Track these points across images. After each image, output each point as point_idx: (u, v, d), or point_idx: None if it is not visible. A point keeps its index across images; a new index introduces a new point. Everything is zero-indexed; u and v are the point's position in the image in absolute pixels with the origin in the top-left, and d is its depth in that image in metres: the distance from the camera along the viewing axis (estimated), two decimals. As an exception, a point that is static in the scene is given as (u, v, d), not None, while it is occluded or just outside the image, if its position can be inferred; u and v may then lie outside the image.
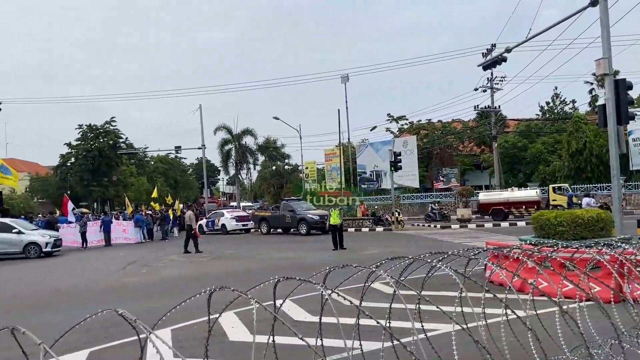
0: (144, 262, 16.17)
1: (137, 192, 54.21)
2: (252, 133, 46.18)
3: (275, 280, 3.05)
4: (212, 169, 73.91)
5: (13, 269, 16.57)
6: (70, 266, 16.58)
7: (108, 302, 9.34)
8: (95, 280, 12.77)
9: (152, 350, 3.12)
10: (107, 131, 51.84)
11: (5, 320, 8.27)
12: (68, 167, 51.93)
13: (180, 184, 70.76)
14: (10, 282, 13.68)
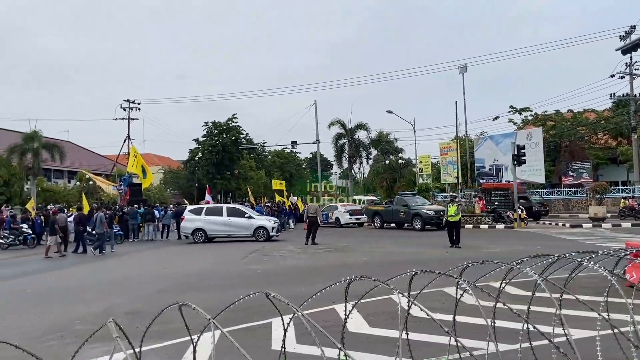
0: (264, 251, 16.96)
1: (256, 185, 57.08)
2: (366, 127, 46.29)
3: (412, 272, 2.98)
4: (324, 163, 75.48)
5: (149, 254, 18.27)
6: (199, 253, 17.89)
7: (237, 286, 9.95)
8: (223, 266, 13.65)
9: (276, 334, 3.23)
10: (230, 127, 55.14)
11: (158, 299, 9.15)
12: (196, 161, 56.12)
13: (295, 178, 73.27)
14: (148, 265, 15.11)
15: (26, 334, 6.67)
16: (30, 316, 7.88)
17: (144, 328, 3.32)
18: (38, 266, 15.33)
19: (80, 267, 14.98)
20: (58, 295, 10.01)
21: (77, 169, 49.42)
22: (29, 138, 36.62)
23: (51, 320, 7.49)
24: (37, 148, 36.77)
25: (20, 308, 8.66)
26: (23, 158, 36.78)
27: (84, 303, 8.82)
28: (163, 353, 5.72)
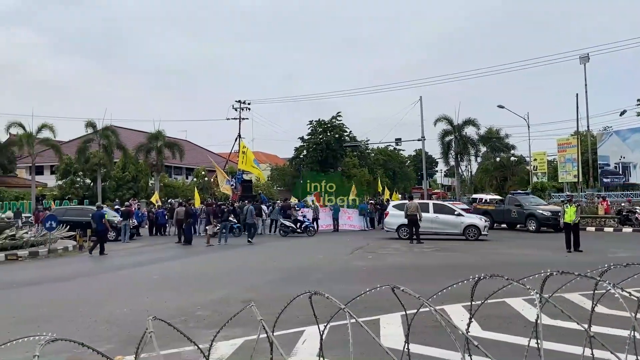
0: (369, 248, 16.94)
1: (359, 182, 57.34)
2: (474, 123, 44.38)
3: (547, 273, 2.75)
4: (429, 161, 73.74)
5: (259, 247, 19.08)
6: (306, 248, 18.33)
7: (342, 281, 10.05)
8: (329, 262, 13.85)
9: (384, 331, 3.15)
10: (334, 126, 55.88)
11: (270, 289, 9.54)
12: (301, 158, 57.64)
13: (399, 176, 72.40)
14: (259, 258, 15.78)
15: (158, 316, 7.24)
16: (156, 300, 8.58)
17: (259, 316, 3.45)
18: (163, 254, 16.72)
19: (200, 256, 16.05)
20: (181, 282, 10.80)
21: (194, 166, 53.14)
22: (153, 137, 40.00)
23: (175, 305, 8.08)
24: (160, 147, 40.05)
25: (148, 292, 9.45)
26: (148, 156, 40.28)
27: (203, 290, 9.41)
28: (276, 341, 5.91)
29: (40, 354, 2.14)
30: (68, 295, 9.77)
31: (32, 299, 9.30)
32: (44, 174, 46.98)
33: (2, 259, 15.13)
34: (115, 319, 7.12)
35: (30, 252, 16.14)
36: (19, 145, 37.24)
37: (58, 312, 7.88)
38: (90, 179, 40.27)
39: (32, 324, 6.83)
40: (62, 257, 16.73)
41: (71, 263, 15.33)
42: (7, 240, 16.47)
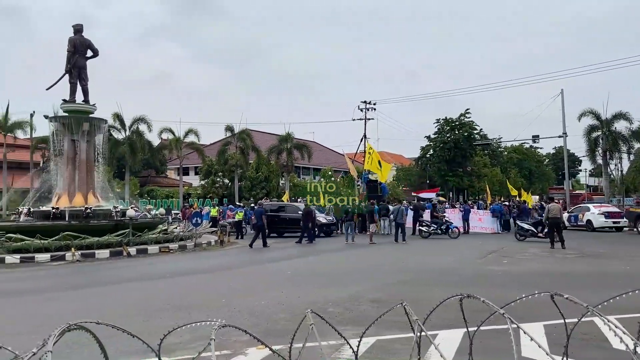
0: (504, 252, 15.97)
1: (490, 182, 54.46)
2: (626, 117, 39.61)
3: None
4: (571, 159, 67.53)
5: (388, 247, 18.97)
6: (435, 250, 17.83)
7: (475, 285, 9.57)
8: (460, 264, 13.32)
9: (527, 339, 2.87)
10: (462, 123, 53.75)
11: (399, 290, 9.47)
12: (427, 158, 56.34)
13: (535, 175, 67.40)
14: (388, 257, 15.70)
15: (291, 310, 7.55)
16: (290, 295, 8.93)
17: (387, 316, 3.41)
18: (294, 251, 17.44)
19: (329, 255, 16.46)
20: (311, 278, 11.15)
21: (321, 166, 54.74)
22: (283, 139, 41.96)
23: (308, 300, 8.34)
24: (290, 148, 41.88)
25: (282, 287, 9.87)
26: (279, 157, 42.35)
27: (334, 288, 9.60)
28: (408, 343, 5.80)
29: (215, 338, 2.32)
30: (211, 286, 10.62)
31: (181, 288, 10.26)
32: (189, 175, 51.73)
33: (157, 251, 16.93)
34: (255, 310, 7.54)
35: (179, 246, 17.88)
36: (169, 148, 41.48)
37: (204, 301, 8.57)
38: (229, 179, 43.43)
39: (184, 311, 7.51)
40: (206, 250, 18.26)
41: (214, 257, 16.67)
42: (160, 235, 18.41)
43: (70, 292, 10.20)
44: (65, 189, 18.99)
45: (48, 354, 1.72)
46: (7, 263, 14.62)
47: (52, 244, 15.50)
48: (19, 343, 2.88)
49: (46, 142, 30.78)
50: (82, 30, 19.28)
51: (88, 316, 6.52)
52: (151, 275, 12.56)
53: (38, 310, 8.20)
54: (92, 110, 19.78)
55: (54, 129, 20.11)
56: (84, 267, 14.13)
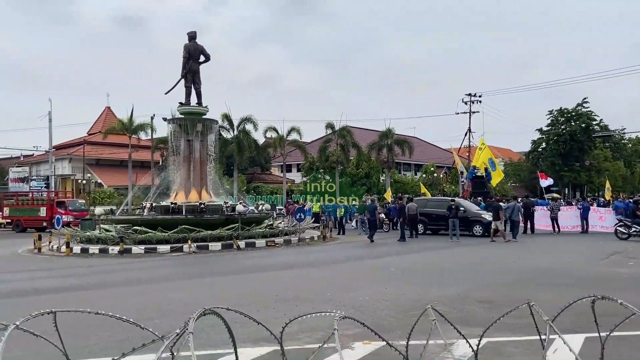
0: (630, 253, 14.53)
1: (612, 177, 49.83)
2: None
3: None
4: None
5: (495, 245, 18.12)
6: (548, 249, 16.73)
7: (596, 288, 8.79)
8: (578, 265, 12.36)
9: None
10: (579, 114, 49.79)
11: (509, 290, 9.04)
12: (539, 152, 52.98)
13: (666, 170, 60.44)
14: (494, 256, 15.00)
15: (395, 307, 7.51)
16: (395, 291, 8.87)
17: (496, 317, 3.27)
18: (399, 248, 17.30)
19: (433, 252, 16.12)
20: (416, 275, 10.98)
21: (422, 162, 53.65)
22: (384, 135, 41.71)
23: (413, 297, 8.23)
24: (391, 144, 41.53)
25: (386, 283, 9.84)
26: (380, 153, 42.18)
27: (438, 286, 9.39)
28: (522, 346, 5.51)
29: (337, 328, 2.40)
30: (315, 279, 10.89)
31: (288, 281, 10.64)
32: (292, 171, 53.35)
33: (263, 244, 17.69)
34: (359, 305, 7.59)
35: (284, 240, 18.53)
36: (273, 146, 43.11)
37: (309, 294, 8.80)
38: (330, 175, 44.15)
39: (291, 303, 7.78)
40: (310, 245, 18.74)
41: (317, 251, 17.06)
42: (266, 229, 19.22)
43: (188, 281, 11.02)
44: (181, 185, 20.52)
45: (190, 335, 1.89)
46: (134, 253, 16.12)
47: (172, 236, 16.82)
48: (152, 326, 3.17)
49: (165, 143, 33.52)
50: (195, 37, 20.67)
51: (205, 304, 6.99)
52: (259, 267, 13.17)
53: (163, 296, 8.95)
54: (205, 112, 21.14)
55: (171, 130, 21.82)
56: (199, 259, 15.18)
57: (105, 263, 14.65)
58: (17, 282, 11.57)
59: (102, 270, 13.23)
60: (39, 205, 31.56)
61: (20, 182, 44.46)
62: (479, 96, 43.71)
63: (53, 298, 8.91)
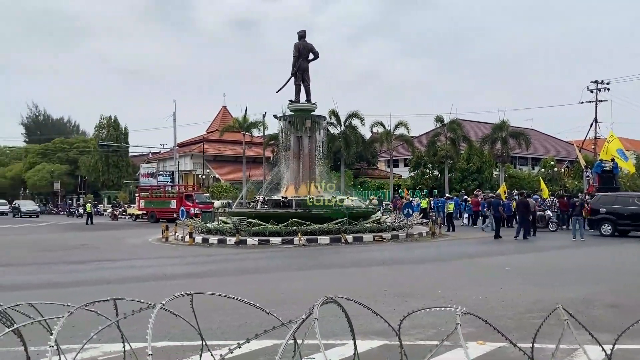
0: None
1: None
2: None
3: None
4: None
5: (627, 245, 16.45)
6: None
7: None
8: None
9: None
10: None
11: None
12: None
13: None
14: (626, 256, 13.62)
15: (513, 308, 7.14)
16: (511, 291, 8.42)
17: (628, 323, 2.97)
18: (512, 246, 16.39)
19: (552, 252, 15.05)
20: (534, 275, 10.32)
21: (540, 155, 50.16)
22: (497, 128, 39.65)
23: (532, 299, 7.76)
24: (505, 137, 39.36)
25: (501, 283, 9.37)
26: (493, 147, 40.17)
27: (561, 287, 8.75)
28: None
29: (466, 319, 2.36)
30: (425, 276, 10.68)
31: (396, 276, 10.56)
32: (398, 166, 52.77)
33: (371, 239, 17.72)
34: (473, 304, 7.32)
35: (392, 235, 18.42)
36: (379, 141, 42.94)
37: (419, 290, 8.67)
38: (438, 170, 42.97)
39: (400, 298, 7.72)
40: (418, 241, 18.43)
41: (425, 247, 16.73)
42: (374, 224, 19.23)
43: (299, 273, 11.42)
44: (291, 180, 21.24)
45: (315, 321, 1.96)
46: (249, 244, 17.02)
47: (283, 229, 17.50)
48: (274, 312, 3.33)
49: (276, 139, 34.92)
50: (305, 36, 21.23)
51: (315, 295, 7.17)
52: (367, 262, 13.24)
53: (276, 286, 9.37)
54: (314, 109, 21.65)
55: (281, 127, 22.66)
56: (309, 251, 15.62)
57: (223, 252, 15.65)
58: (148, 268, 12.81)
59: (221, 259, 14.15)
60: (169, 198, 34.62)
61: (150, 177, 48.97)
62: (606, 83, 39.80)
63: (180, 283, 9.72)
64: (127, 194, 51.68)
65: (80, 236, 22.70)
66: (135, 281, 10.43)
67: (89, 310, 2.83)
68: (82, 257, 14.95)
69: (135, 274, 11.78)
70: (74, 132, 79.69)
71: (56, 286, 9.63)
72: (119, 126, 57.29)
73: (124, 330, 3.28)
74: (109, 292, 8.09)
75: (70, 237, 22.70)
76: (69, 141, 65.00)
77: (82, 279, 10.64)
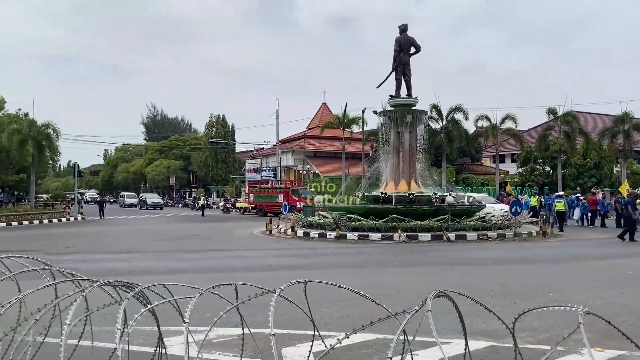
0: None
1: None
2: None
3: None
4: None
5: None
6: None
7: None
8: None
9: None
10: None
11: None
12: None
13: None
14: None
15: (636, 314, 6.56)
16: (633, 297, 7.73)
17: None
18: (634, 249, 14.94)
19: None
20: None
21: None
22: (619, 120, 36.21)
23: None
24: (628, 129, 35.83)
25: (622, 288, 8.59)
26: (613, 140, 36.76)
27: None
28: None
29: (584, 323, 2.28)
30: (534, 277, 10.08)
31: (502, 276, 10.10)
32: (505, 162, 50.16)
33: (475, 237, 17.08)
34: (589, 308, 6.79)
35: (498, 234, 17.59)
36: (484, 136, 41.11)
37: (530, 291, 8.21)
38: (550, 166, 40.20)
39: (508, 299, 7.38)
40: (527, 241, 17.44)
41: (535, 247, 15.81)
42: (478, 222, 18.49)
43: (401, 269, 11.36)
44: (391, 176, 21.07)
45: (428, 313, 1.97)
46: (348, 239, 17.20)
47: (382, 225, 17.45)
48: (370, 307, 3.36)
49: (375, 135, 34.80)
50: (406, 30, 20.91)
51: (419, 292, 7.09)
52: (471, 260, 12.81)
53: (377, 281, 9.39)
54: (414, 103, 21.29)
55: (381, 122, 22.55)
56: (409, 248, 15.43)
57: (324, 246, 15.98)
58: (254, 258, 13.47)
59: (322, 253, 14.47)
60: (277, 193, 36.04)
61: (254, 172, 51.28)
62: None
63: (284, 274, 10.11)
64: (234, 188, 54.62)
65: (194, 227, 24.44)
66: (243, 270, 11.02)
67: (213, 293, 3.06)
68: (196, 246, 16.12)
69: (243, 263, 12.46)
70: (187, 130, 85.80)
71: (176, 272, 10.47)
72: (226, 124, 60.64)
73: (238, 314, 3.50)
74: (221, 280, 8.63)
75: (186, 227, 24.54)
76: (183, 139, 70.19)
77: (198, 267, 11.49)
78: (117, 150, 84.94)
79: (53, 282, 3.08)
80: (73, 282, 3.25)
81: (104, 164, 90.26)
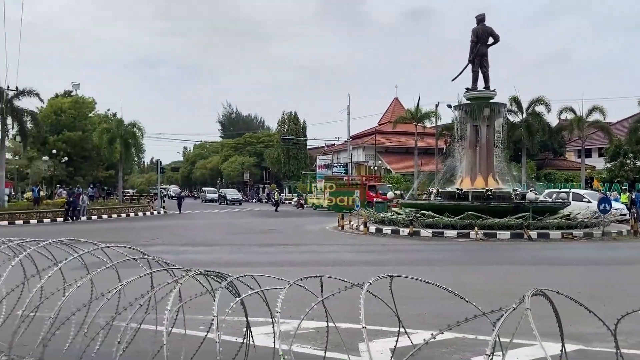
0: None
1: None
2: None
3: None
4: None
5: None
6: None
7: None
8: None
9: None
10: None
11: None
12: None
13: None
14: None
15: None
16: None
17: None
18: None
19: None
20: None
21: None
22: None
23: None
24: None
25: None
26: None
27: None
28: None
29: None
30: (626, 279, 9.43)
31: (592, 277, 9.53)
32: (591, 157, 47.11)
33: (558, 236, 16.19)
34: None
35: (584, 233, 16.57)
36: (569, 129, 38.78)
37: (620, 294, 7.71)
38: (642, 160, 37.25)
39: (597, 302, 6.91)
40: (616, 240, 16.32)
41: (625, 247, 14.77)
42: (562, 220, 17.51)
43: (480, 267, 11.02)
44: (467, 171, 20.44)
45: (527, 311, 1.90)
46: (422, 236, 16.90)
47: (458, 222, 16.97)
48: (451, 305, 3.28)
49: (449, 129, 33.88)
50: (484, 20, 20.14)
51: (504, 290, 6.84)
52: (555, 260, 12.18)
53: (457, 279, 9.15)
54: (493, 96, 20.49)
55: (456, 116, 21.90)
56: (487, 246, 14.91)
57: (397, 243, 15.81)
58: (328, 253, 13.58)
59: (395, 250, 14.33)
60: (353, 189, 36.13)
61: (325, 168, 51.66)
62: None
63: (359, 270, 10.13)
64: (306, 184, 55.42)
65: (268, 222, 25.09)
66: (317, 265, 11.15)
67: (299, 285, 3.13)
68: (272, 240, 16.53)
69: (316, 258, 12.61)
70: (260, 127, 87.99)
71: (255, 265, 10.80)
72: (298, 121, 61.53)
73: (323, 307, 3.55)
74: (298, 273, 8.79)
75: (261, 222, 25.25)
76: (256, 136, 72.11)
77: (274, 260, 11.80)
78: (195, 148, 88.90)
79: (151, 272, 3.29)
80: (167, 271, 3.45)
81: (183, 160, 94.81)
